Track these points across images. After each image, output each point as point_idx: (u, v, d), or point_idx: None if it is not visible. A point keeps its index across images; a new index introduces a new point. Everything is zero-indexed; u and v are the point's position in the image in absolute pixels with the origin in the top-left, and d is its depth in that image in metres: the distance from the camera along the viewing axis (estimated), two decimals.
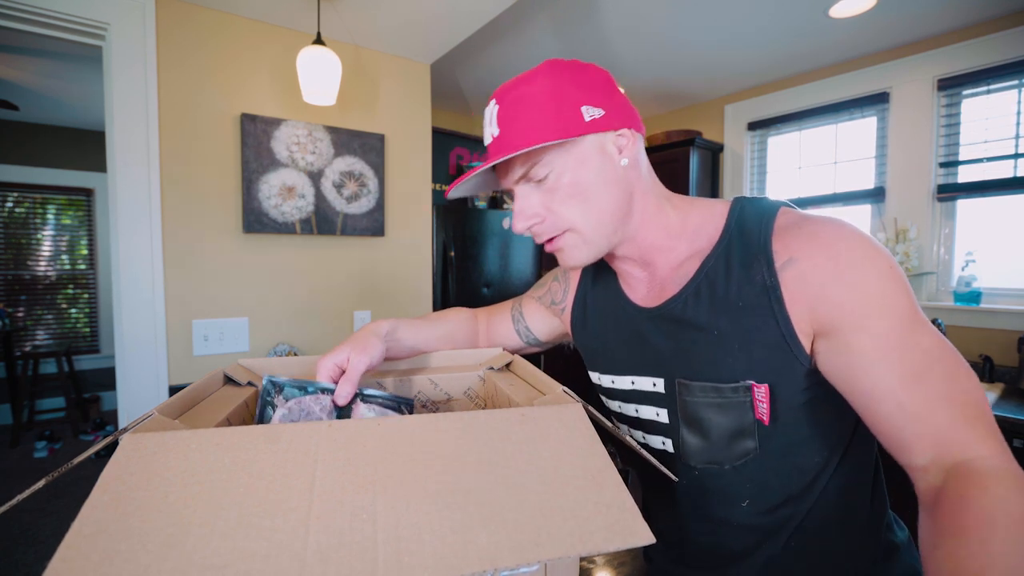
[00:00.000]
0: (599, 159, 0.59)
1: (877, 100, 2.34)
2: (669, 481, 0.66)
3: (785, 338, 0.54)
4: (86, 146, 3.97)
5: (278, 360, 0.79)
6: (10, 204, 3.84)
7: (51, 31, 1.50)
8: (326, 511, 0.37)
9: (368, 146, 1.92)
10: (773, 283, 0.54)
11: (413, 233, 2.10)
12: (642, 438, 0.69)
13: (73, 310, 4.11)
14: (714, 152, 2.93)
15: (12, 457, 3.29)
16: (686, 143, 2.77)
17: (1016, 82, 1.98)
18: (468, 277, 2.57)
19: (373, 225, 1.95)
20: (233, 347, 1.72)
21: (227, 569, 0.32)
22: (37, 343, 3.97)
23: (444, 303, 2.47)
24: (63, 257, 4.04)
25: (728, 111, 2.91)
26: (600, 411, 0.55)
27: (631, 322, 0.68)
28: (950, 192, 2.14)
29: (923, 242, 2.20)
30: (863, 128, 2.44)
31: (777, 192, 2.79)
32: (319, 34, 1.59)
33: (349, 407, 0.61)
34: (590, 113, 0.57)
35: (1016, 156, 1.98)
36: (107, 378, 4.19)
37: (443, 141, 2.81)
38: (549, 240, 0.63)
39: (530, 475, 0.41)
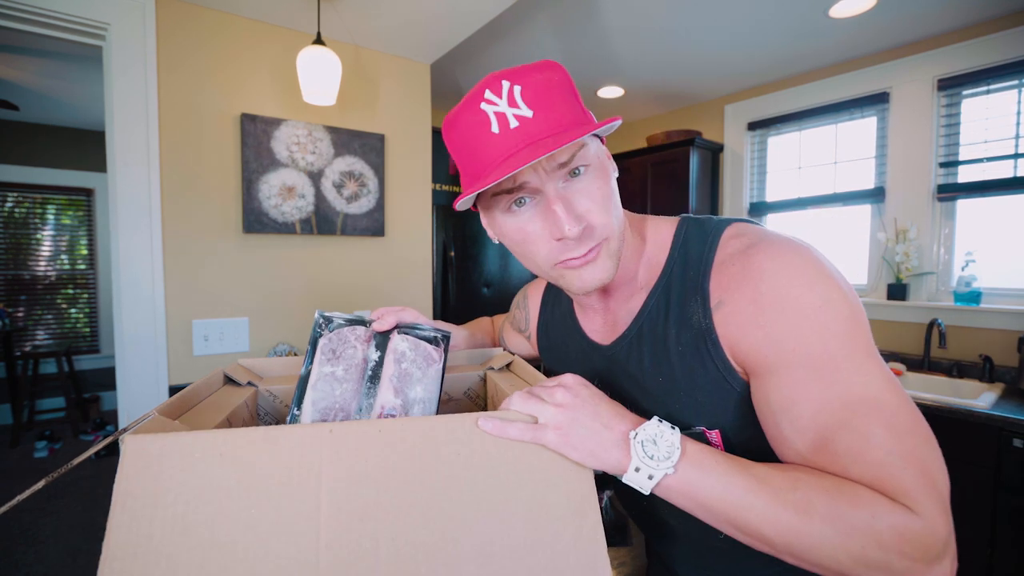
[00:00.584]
0: (608, 166, 0.55)
1: (877, 100, 2.34)
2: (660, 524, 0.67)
3: (727, 380, 0.51)
4: (86, 146, 3.97)
5: (278, 360, 0.79)
6: (10, 204, 3.84)
7: (51, 31, 1.50)
8: (333, 540, 0.40)
9: (368, 146, 1.92)
10: (708, 326, 0.51)
11: (413, 233, 2.10)
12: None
13: (73, 310, 4.11)
14: (714, 152, 2.93)
15: (12, 457, 3.29)
16: (686, 143, 2.78)
17: (1016, 82, 1.98)
18: (468, 277, 2.57)
19: (373, 225, 1.95)
20: (233, 347, 1.72)
21: None
22: (37, 343, 3.97)
23: (444, 303, 2.47)
24: (63, 257, 4.04)
25: (728, 111, 2.91)
26: None
27: (588, 359, 0.67)
28: (950, 192, 2.14)
29: (923, 242, 2.20)
30: (863, 128, 2.44)
31: (777, 192, 2.79)
32: (319, 34, 1.59)
33: (387, 336, 0.66)
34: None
35: (1016, 156, 1.98)
36: (107, 378, 4.19)
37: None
38: (588, 251, 0.51)
39: (519, 502, 0.44)
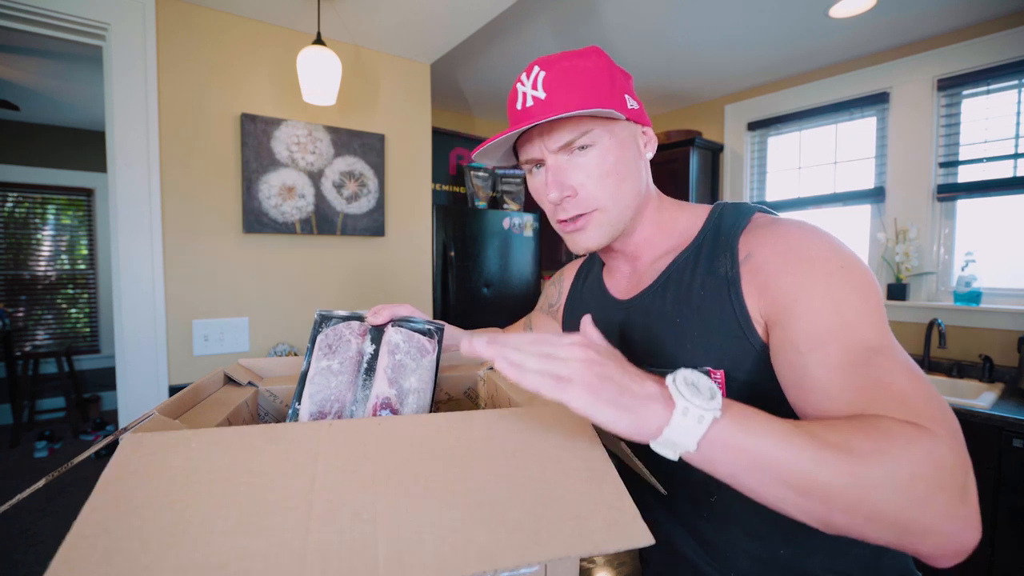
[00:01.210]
0: (634, 147, 0.62)
1: (877, 100, 2.34)
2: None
3: (741, 325, 0.55)
4: (86, 146, 3.97)
5: (278, 360, 0.79)
6: (10, 204, 3.84)
7: (51, 31, 1.50)
8: (327, 510, 0.37)
9: (368, 146, 1.92)
10: (734, 275, 0.56)
11: (413, 233, 2.10)
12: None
13: (73, 310, 4.11)
14: (714, 152, 2.93)
15: (12, 457, 3.29)
16: (686, 143, 2.77)
17: (1016, 82, 1.98)
18: (468, 277, 2.57)
19: (373, 225, 1.95)
20: (233, 347, 1.72)
21: (227, 568, 0.32)
22: (37, 343, 3.97)
23: (444, 303, 2.47)
24: (63, 257, 4.04)
25: (728, 111, 2.91)
26: None
27: (608, 314, 0.71)
28: (950, 192, 2.14)
29: (923, 242, 2.20)
30: (863, 128, 2.44)
31: (777, 192, 2.79)
32: (319, 34, 1.59)
33: (382, 330, 0.67)
34: (631, 103, 0.62)
35: (1016, 156, 1.98)
36: (107, 378, 4.19)
37: (443, 141, 2.81)
38: (575, 219, 0.62)
39: (530, 475, 0.41)
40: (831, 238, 0.54)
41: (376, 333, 0.67)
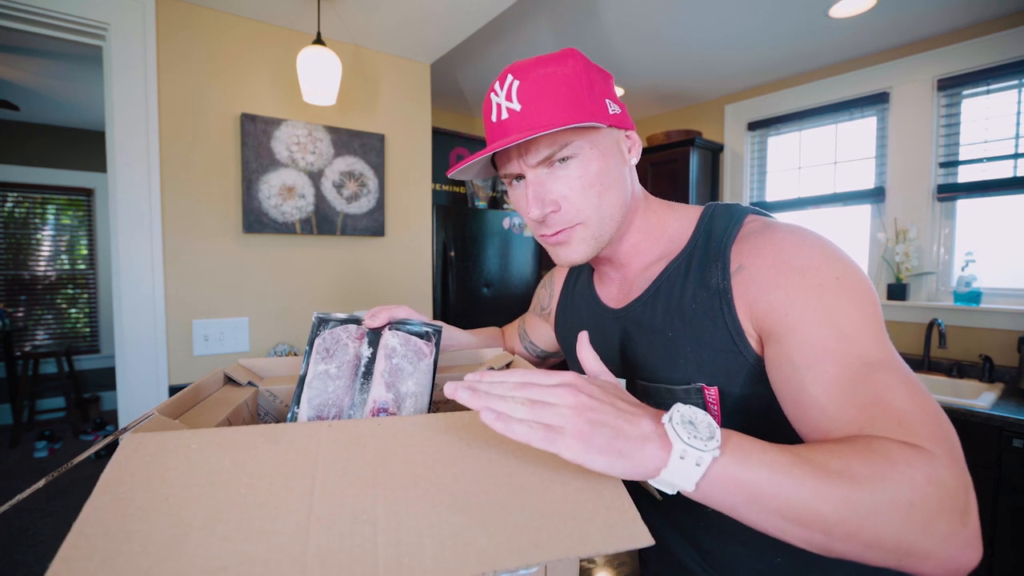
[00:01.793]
0: (617, 154, 0.59)
1: (877, 100, 2.33)
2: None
3: (733, 339, 0.54)
4: (86, 146, 3.97)
5: (278, 360, 0.79)
6: (10, 204, 3.84)
7: (51, 31, 1.50)
8: (326, 513, 0.37)
9: (368, 146, 1.92)
10: (725, 287, 0.54)
11: (413, 233, 2.10)
12: None
13: (73, 310, 4.11)
14: (714, 152, 2.93)
15: (12, 457, 3.29)
16: (686, 143, 2.77)
17: (1016, 82, 1.98)
18: (468, 277, 2.57)
19: (373, 225, 1.95)
20: (233, 347, 1.72)
21: (227, 572, 0.32)
22: (37, 343, 3.97)
23: (444, 303, 2.47)
24: (63, 257, 4.04)
25: (728, 111, 2.91)
26: None
27: (599, 321, 0.70)
28: (950, 192, 2.14)
29: (923, 242, 2.20)
30: (863, 128, 2.44)
31: (777, 192, 2.79)
32: (319, 34, 1.59)
33: (379, 333, 0.67)
34: (612, 108, 0.59)
35: (1016, 156, 1.98)
36: (107, 378, 4.19)
37: (443, 141, 2.81)
38: (556, 233, 0.59)
39: (529, 476, 0.41)
40: (826, 245, 0.52)
41: (373, 336, 0.67)
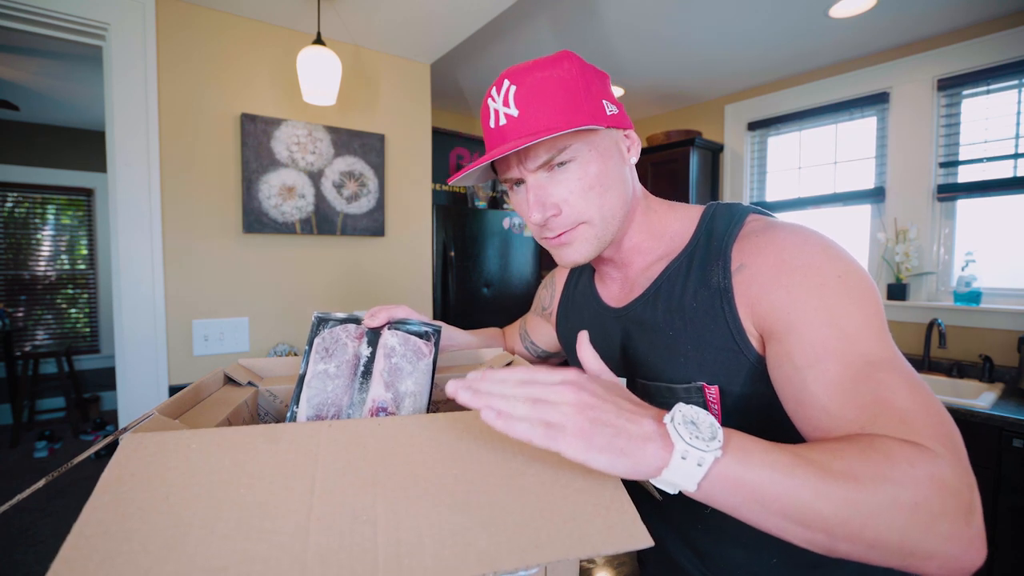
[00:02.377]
0: (616, 154, 0.59)
1: (877, 100, 2.33)
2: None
3: (734, 338, 0.54)
4: (86, 146, 3.97)
5: (278, 360, 0.79)
6: (10, 204, 3.84)
7: (51, 31, 1.50)
8: (326, 513, 0.37)
9: (368, 146, 1.92)
10: (726, 286, 0.54)
11: (413, 233, 2.10)
12: None
13: (73, 310, 4.11)
14: (714, 152, 2.93)
15: (12, 457, 3.29)
16: (686, 143, 2.77)
17: (1016, 82, 1.98)
18: (468, 277, 2.57)
19: (373, 225, 1.95)
20: (233, 347, 1.72)
21: (227, 571, 0.32)
22: (37, 343, 3.97)
23: (444, 303, 2.47)
24: (63, 257, 4.04)
25: (728, 111, 2.91)
26: None
27: (600, 321, 0.70)
28: (950, 192, 2.14)
29: (923, 242, 2.20)
30: (863, 128, 2.44)
31: (777, 192, 2.79)
32: (319, 34, 1.59)
33: (378, 333, 0.67)
34: (609, 108, 0.59)
35: (1016, 156, 1.98)
36: (107, 378, 4.19)
37: (443, 141, 2.81)
38: (558, 235, 0.59)
39: (530, 477, 0.41)
40: (828, 243, 0.51)
41: (373, 336, 0.67)
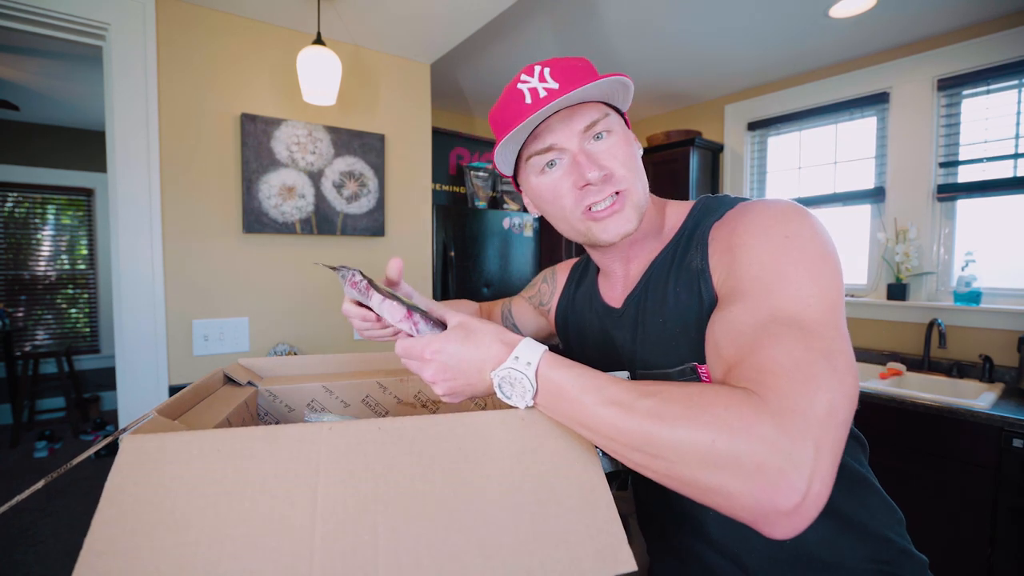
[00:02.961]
0: (635, 145, 0.63)
1: (877, 100, 2.34)
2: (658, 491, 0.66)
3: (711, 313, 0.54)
4: (86, 146, 3.97)
5: (278, 360, 0.79)
6: (10, 204, 3.84)
7: (51, 31, 1.50)
8: (329, 532, 0.37)
9: (368, 146, 1.92)
10: (703, 266, 0.56)
11: (413, 233, 2.10)
12: None
13: (73, 310, 4.11)
14: (714, 152, 2.93)
15: (12, 457, 3.29)
16: (686, 143, 2.77)
17: (1016, 82, 1.98)
18: (468, 277, 2.57)
19: (373, 225, 1.95)
20: (233, 347, 1.72)
21: None
22: (37, 343, 3.97)
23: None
24: (63, 257, 4.04)
25: (728, 111, 2.91)
26: None
27: (601, 322, 0.72)
28: (950, 192, 2.14)
29: (923, 242, 2.20)
30: (863, 128, 2.44)
31: (777, 193, 2.79)
32: (319, 34, 1.59)
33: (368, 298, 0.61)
34: (622, 105, 0.63)
35: (1016, 156, 1.98)
36: (107, 378, 4.19)
37: (443, 141, 2.81)
38: (614, 195, 0.58)
39: (526, 494, 0.42)
40: (791, 210, 0.52)
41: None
